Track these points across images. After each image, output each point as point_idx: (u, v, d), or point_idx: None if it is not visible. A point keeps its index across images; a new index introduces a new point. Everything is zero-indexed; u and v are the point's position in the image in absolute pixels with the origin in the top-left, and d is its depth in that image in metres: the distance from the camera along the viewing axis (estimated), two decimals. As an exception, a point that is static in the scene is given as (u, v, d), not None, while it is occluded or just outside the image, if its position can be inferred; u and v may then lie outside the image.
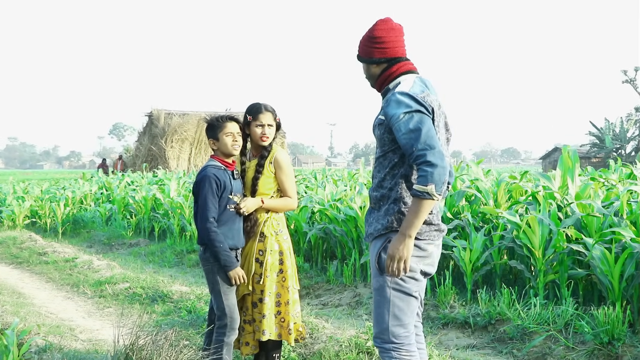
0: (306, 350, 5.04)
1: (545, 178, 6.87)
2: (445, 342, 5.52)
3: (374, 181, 3.32)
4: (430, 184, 2.95)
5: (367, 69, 3.38)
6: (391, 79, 3.30)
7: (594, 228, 5.88)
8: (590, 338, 4.82)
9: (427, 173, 2.95)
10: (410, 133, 3.02)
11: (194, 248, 10.68)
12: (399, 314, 3.20)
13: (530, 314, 5.39)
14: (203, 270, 4.20)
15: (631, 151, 40.97)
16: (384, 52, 3.29)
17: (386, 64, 3.31)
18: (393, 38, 3.29)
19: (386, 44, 3.28)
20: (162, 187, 15.13)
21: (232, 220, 4.15)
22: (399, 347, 3.20)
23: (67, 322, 6.42)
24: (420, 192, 2.96)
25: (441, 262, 7.14)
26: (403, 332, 3.22)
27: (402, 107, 3.06)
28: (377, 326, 3.24)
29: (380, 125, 3.22)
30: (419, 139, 3.00)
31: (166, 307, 6.76)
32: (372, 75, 3.37)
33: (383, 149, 3.24)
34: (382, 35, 3.28)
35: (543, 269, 5.85)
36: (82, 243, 13.00)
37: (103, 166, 30.25)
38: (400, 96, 3.09)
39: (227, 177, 4.15)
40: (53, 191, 18.01)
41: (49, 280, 8.94)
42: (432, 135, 3.01)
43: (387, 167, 3.22)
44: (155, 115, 30.87)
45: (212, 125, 4.21)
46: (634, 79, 43.48)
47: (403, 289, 3.19)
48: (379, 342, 3.25)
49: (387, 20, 3.32)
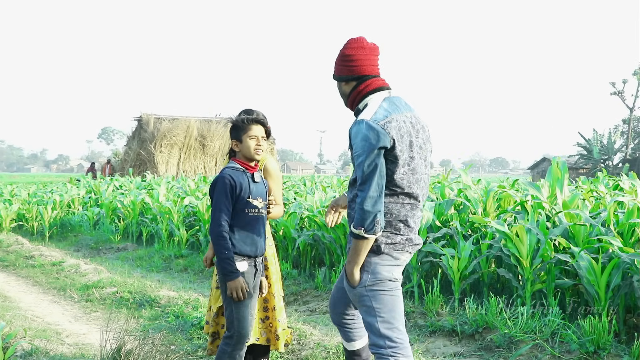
0: (294, 356, 5.04)
1: (534, 188, 6.91)
2: (432, 349, 5.53)
3: (348, 201, 3.39)
4: (359, 228, 3.10)
5: (339, 87, 3.43)
6: (360, 97, 3.34)
7: (582, 238, 5.93)
8: (576, 347, 4.85)
9: (359, 217, 3.10)
10: (357, 167, 3.12)
11: (182, 253, 10.65)
12: (387, 317, 3.26)
13: (517, 323, 5.41)
14: (219, 280, 3.90)
15: (618, 162, 41.30)
16: (352, 70, 3.33)
17: (355, 81, 3.35)
18: (363, 57, 3.32)
19: (355, 62, 3.31)
20: (150, 191, 15.08)
21: (252, 225, 3.87)
22: (397, 352, 3.24)
23: (54, 326, 6.38)
24: (355, 234, 3.13)
25: (429, 270, 7.17)
26: (397, 334, 3.27)
27: (358, 139, 3.12)
28: (371, 334, 3.28)
29: (350, 148, 3.27)
30: (360, 178, 3.10)
31: (153, 311, 6.73)
32: (344, 93, 3.42)
33: (354, 171, 3.26)
34: (352, 53, 3.32)
35: (530, 278, 5.87)
36: (70, 247, 12.93)
37: (92, 170, 30.13)
38: (361, 126, 3.12)
39: (246, 180, 3.87)
40: (40, 194, 17.93)
41: (36, 283, 8.89)
42: (372, 178, 3.08)
43: (356, 190, 3.25)
44: (144, 120, 30.77)
45: (236, 126, 3.95)
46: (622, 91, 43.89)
47: (382, 289, 3.27)
48: (375, 349, 3.28)
49: (359, 39, 3.36)
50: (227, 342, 3.86)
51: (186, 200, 12.21)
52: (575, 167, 41.17)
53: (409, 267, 6.89)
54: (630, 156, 42.46)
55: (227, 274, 3.71)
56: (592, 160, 40.58)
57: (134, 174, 27.47)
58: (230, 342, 3.85)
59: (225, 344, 3.86)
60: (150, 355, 4.02)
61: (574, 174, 39.01)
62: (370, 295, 3.26)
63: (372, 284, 3.26)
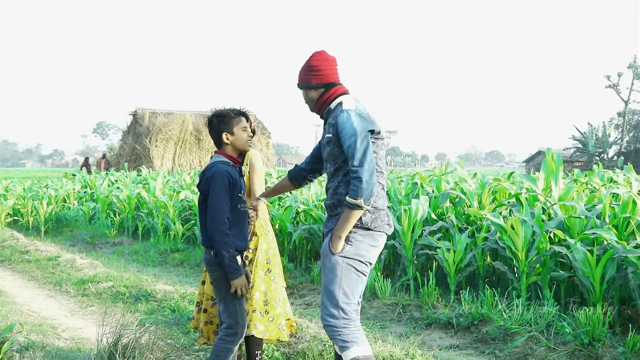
0: (290, 349, 5.05)
1: (529, 180, 6.92)
2: (428, 342, 5.55)
3: (329, 192, 3.73)
4: (359, 198, 3.45)
5: (306, 94, 3.81)
6: (330, 100, 3.74)
7: (577, 230, 5.94)
8: (571, 339, 4.87)
9: (357, 188, 3.44)
10: (350, 148, 3.49)
11: (177, 247, 10.64)
12: (348, 291, 3.56)
13: (513, 315, 5.43)
14: (212, 275, 3.84)
15: (613, 155, 41.36)
16: (320, 78, 3.73)
17: (323, 88, 3.76)
18: (327, 66, 3.74)
19: (322, 71, 3.73)
20: (146, 186, 15.05)
21: (242, 220, 3.92)
22: (349, 324, 3.53)
23: (50, 321, 6.38)
24: (351, 204, 3.46)
25: (425, 263, 7.18)
26: (352, 309, 3.57)
27: (348, 124, 3.52)
28: (329, 303, 3.55)
29: (330, 142, 3.63)
30: (354, 156, 3.47)
31: (150, 306, 6.74)
32: (311, 100, 3.80)
33: (335, 162, 3.65)
34: (318, 64, 3.74)
35: (526, 271, 5.89)
36: (65, 242, 12.91)
37: (86, 165, 30.04)
38: (351, 113, 3.55)
39: (236, 175, 3.89)
40: (36, 189, 17.88)
41: (31, 278, 8.88)
42: (367, 153, 3.48)
43: (340, 177, 3.63)
44: (139, 114, 30.69)
45: (227, 117, 3.91)
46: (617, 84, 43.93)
47: (356, 266, 3.58)
48: (330, 321, 3.53)
49: (322, 52, 3.79)
50: (230, 339, 3.83)
51: (182, 195, 12.19)
52: (571, 160, 41.25)
53: (404, 259, 6.91)
54: (625, 149, 42.54)
55: (233, 271, 3.70)
56: (587, 153, 40.64)
57: (129, 168, 27.39)
58: (234, 338, 3.84)
59: (229, 341, 3.84)
60: (146, 349, 4.02)
61: (569, 167, 39.05)
62: (344, 266, 3.55)
63: (351, 257, 3.56)
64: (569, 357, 4.76)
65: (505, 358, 5.01)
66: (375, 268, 7.06)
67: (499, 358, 5.04)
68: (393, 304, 6.43)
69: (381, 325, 6.01)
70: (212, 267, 3.82)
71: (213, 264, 3.79)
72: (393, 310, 6.33)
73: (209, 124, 3.97)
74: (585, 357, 4.71)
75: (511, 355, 5.01)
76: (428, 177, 8.63)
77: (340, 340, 3.50)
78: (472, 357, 5.09)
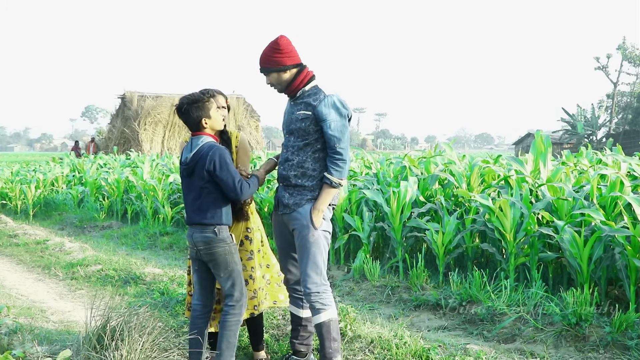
0: (279, 331, 5.07)
1: (517, 162, 6.93)
2: (417, 323, 5.57)
3: (290, 164, 3.99)
4: (344, 178, 3.91)
5: (278, 76, 3.95)
6: (306, 81, 3.96)
7: (565, 212, 5.96)
8: (558, 319, 4.90)
9: (342, 169, 3.88)
10: (336, 132, 3.84)
11: (167, 230, 10.62)
12: (325, 260, 4.00)
13: (501, 296, 5.46)
14: (214, 253, 3.89)
15: (602, 137, 41.55)
16: (293, 59, 3.93)
17: (296, 69, 3.95)
18: (293, 49, 3.96)
19: (291, 52, 3.93)
20: (135, 169, 14.99)
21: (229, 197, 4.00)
22: (327, 289, 3.97)
23: (39, 304, 6.36)
24: (336, 183, 3.88)
25: (414, 245, 7.20)
26: (326, 276, 4.00)
27: (334, 109, 3.86)
28: (313, 273, 3.92)
29: (306, 119, 3.89)
30: (341, 140, 3.85)
31: (139, 289, 6.73)
32: (284, 81, 3.96)
33: (306, 138, 3.93)
34: (286, 47, 3.92)
35: (514, 252, 5.92)
36: (54, 225, 12.86)
37: (76, 149, 29.87)
38: (336, 100, 3.87)
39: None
40: (24, 173, 17.77)
41: (20, 262, 8.84)
42: (348, 137, 3.89)
43: (309, 152, 3.94)
44: (128, 98, 30.48)
45: (202, 102, 3.92)
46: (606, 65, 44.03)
47: (328, 237, 4.03)
48: (313, 288, 3.90)
49: (284, 36, 3.97)
50: (239, 311, 3.96)
51: (171, 178, 12.15)
52: (560, 142, 41.39)
53: (393, 241, 6.92)
54: (614, 131, 42.74)
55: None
56: (576, 135, 40.79)
57: (118, 152, 27.27)
58: (242, 310, 3.98)
59: (238, 313, 3.95)
60: (135, 331, 4.01)
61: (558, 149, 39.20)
62: (325, 238, 3.98)
63: (326, 230, 3.98)
64: (556, 338, 4.79)
65: (494, 339, 5.04)
66: (364, 250, 7.08)
67: (487, 339, 5.07)
68: (382, 285, 6.45)
69: (370, 307, 6.03)
70: (214, 245, 3.89)
71: (217, 241, 3.88)
72: (382, 292, 6.35)
73: (182, 111, 3.91)
74: (572, 337, 4.75)
75: (499, 335, 5.05)
76: (417, 159, 8.63)
77: (319, 303, 3.91)
78: (461, 338, 5.12)
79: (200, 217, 3.90)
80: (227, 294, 3.97)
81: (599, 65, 44.25)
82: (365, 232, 7.14)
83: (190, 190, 3.95)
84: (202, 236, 3.90)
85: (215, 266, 3.94)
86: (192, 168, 3.90)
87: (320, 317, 3.92)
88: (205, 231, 3.89)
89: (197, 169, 3.88)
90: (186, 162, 3.94)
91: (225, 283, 3.95)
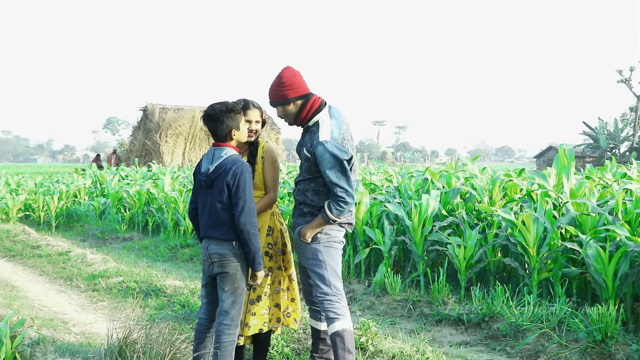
0: (300, 345, 5.04)
1: (540, 176, 6.86)
2: (438, 338, 5.52)
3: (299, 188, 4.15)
4: (341, 217, 3.99)
5: (284, 110, 4.05)
6: (312, 113, 4.02)
7: (589, 226, 5.89)
8: (583, 336, 4.83)
9: (342, 209, 3.93)
10: (333, 178, 3.86)
11: (187, 242, 10.65)
12: (336, 268, 4.05)
13: (524, 312, 5.39)
14: (227, 266, 3.84)
15: (625, 151, 41.06)
16: (296, 92, 3.99)
17: (301, 100, 4.02)
18: (298, 80, 4.01)
19: (295, 85, 3.98)
20: (156, 181, 15.08)
21: None
22: (341, 299, 4.01)
23: (60, 315, 6.40)
24: (333, 220, 3.96)
25: (435, 259, 7.15)
26: (339, 284, 4.05)
27: (329, 155, 3.83)
28: (320, 283, 4.01)
29: (308, 160, 3.98)
30: (338, 184, 3.86)
31: (160, 301, 6.74)
32: (291, 114, 4.06)
33: (310, 174, 4.03)
34: (290, 79, 3.98)
35: (537, 267, 5.85)
36: (76, 237, 12.96)
37: (97, 161, 30.14)
38: (329, 147, 3.84)
39: None
40: (47, 185, 17.95)
41: (42, 273, 8.91)
42: (349, 179, 3.89)
43: (312, 185, 4.04)
44: (149, 110, 30.78)
45: (234, 113, 3.90)
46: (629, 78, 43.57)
47: (332, 246, 4.07)
48: (323, 296, 3.98)
49: (289, 67, 4.05)
50: (234, 331, 3.88)
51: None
52: (582, 156, 40.95)
53: (414, 255, 6.88)
54: (637, 144, 42.24)
55: (258, 264, 3.87)
56: (599, 149, 40.34)
57: (139, 164, 27.49)
58: (236, 330, 3.89)
59: (233, 333, 3.87)
60: (156, 344, 4.01)
61: (580, 163, 38.82)
62: (323, 251, 4.03)
63: (326, 242, 4.04)
64: (581, 355, 4.72)
65: (517, 355, 4.98)
66: (385, 264, 7.04)
67: (510, 355, 5.01)
68: (403, 300, 6.41)
69: (391, 322, 5.99)
70: (229, 259, 3.83)
71: (232, 255, 3.83)
72: (403, 306, 6.30)
73: (215, 118, 3.87)
74: (597, 355, 4.67)
75: (522, 352, 4.98)
76: (438, 173, 8.59)
77: (332, 312, 3.96)
78: (483, 354, 5.06)
79: (218, 232, 3.83)
80: (224, 311, 3.88)
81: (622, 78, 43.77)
82: (386, 246, 7.10)
83: (207, 202, 3.87)
84: (219, 247, 3.84)
85: (222, 279, 3.88)
86: (212, 180, 3.82)
87: (334, 327, 3.97)
88: (223, 244, 3.83)
89: (217, 181, 3.79)
90: (207, 174, 3.85)
91: (226, 298, 3.87)
